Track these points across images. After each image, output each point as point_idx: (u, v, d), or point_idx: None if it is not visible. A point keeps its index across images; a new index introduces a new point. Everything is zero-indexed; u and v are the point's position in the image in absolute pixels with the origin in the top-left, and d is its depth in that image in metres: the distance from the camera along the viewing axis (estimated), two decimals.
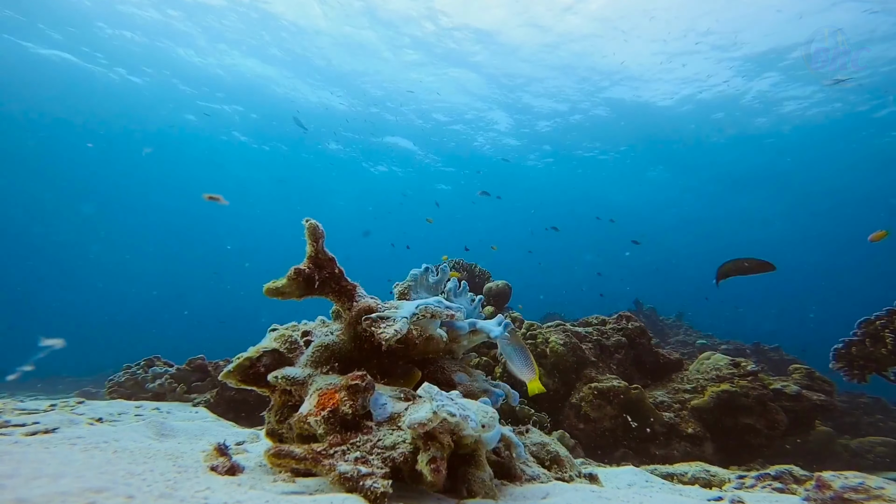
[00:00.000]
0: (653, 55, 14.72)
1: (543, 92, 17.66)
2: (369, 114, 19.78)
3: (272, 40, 15.40)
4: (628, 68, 15.63)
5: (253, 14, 14.04)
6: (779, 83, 15.72)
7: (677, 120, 18.94)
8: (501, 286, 6.91)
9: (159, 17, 14.31)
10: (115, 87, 18.93)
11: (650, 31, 13.54)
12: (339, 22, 14.17)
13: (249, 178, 31.25)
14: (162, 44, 15.84)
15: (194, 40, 15.56)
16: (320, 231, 1.68)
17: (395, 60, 16.13)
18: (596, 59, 15.21)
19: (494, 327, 2.05)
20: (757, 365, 4.71)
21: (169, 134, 24.26)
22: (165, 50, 16.21)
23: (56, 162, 28.13)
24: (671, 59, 14.77)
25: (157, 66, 17.27)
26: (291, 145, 24.60)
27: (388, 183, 28.57)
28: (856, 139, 19.07)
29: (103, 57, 16.70)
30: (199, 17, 14.23)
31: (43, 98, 20.23)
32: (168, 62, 16.92)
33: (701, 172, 24.34)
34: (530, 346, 4.80)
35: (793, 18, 12.23)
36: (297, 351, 1.74)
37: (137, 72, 17.77)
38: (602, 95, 17.63)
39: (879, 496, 1.70)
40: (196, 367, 5.00)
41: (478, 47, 15.13)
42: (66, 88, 19.14)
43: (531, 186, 27.62)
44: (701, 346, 8.80)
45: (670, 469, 3.05)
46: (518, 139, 21.83)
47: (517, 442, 1.69)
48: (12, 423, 1.98)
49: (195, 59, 16.68)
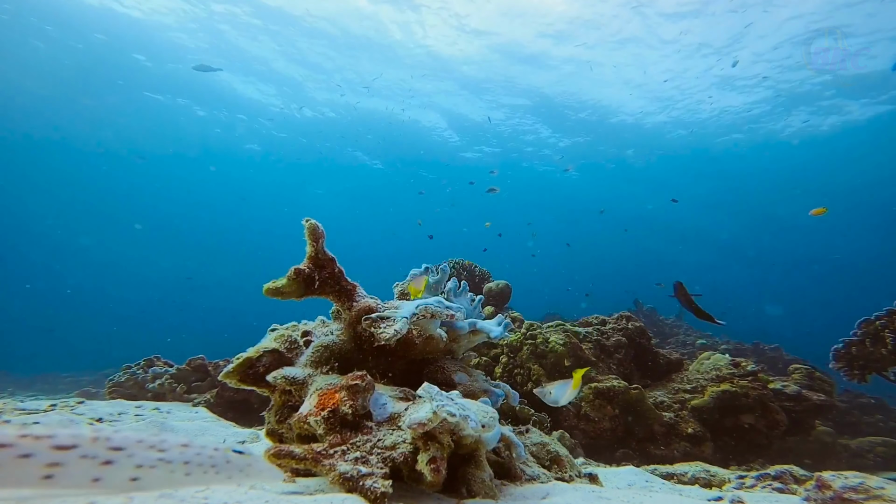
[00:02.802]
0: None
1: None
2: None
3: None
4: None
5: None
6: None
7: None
8: (501, 286, 6.91)
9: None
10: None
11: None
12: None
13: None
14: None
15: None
16: (320, 231, 1.68)
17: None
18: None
19: (494, 327, 2.05)
20: (757, 365, 4.71)
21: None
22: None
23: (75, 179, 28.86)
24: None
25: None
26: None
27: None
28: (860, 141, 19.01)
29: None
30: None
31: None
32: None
33: (703, 174, 24.38)
34: (530, 346, 4.80)
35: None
36: (297, 351, 1.74)
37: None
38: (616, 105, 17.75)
39: (879, 496, 1.70)
40: (196, 367, 4.99)
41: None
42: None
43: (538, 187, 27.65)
44: (701, 346, 8.80)
45: (670, 469, 3.05)
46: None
47: (517, 442, 1.69)
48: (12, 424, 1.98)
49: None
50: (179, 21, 14.19)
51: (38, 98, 19.25)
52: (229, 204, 38.51)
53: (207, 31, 14.67)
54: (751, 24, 12.47)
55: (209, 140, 24.15)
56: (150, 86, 18.27)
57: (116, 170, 29.56)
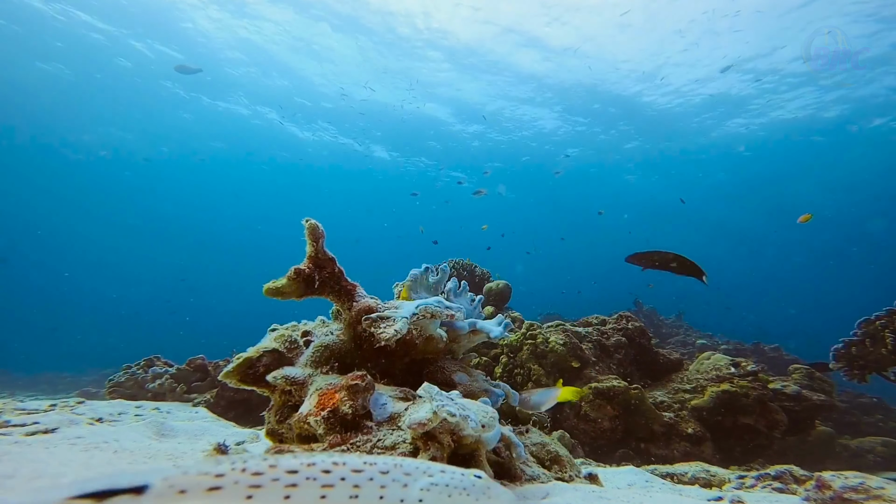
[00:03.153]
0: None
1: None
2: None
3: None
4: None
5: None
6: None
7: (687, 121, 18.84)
8: (501, 286, 6.91)
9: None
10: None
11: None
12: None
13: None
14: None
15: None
16: (320, 231, 1.68)
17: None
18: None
19: (494, 327, 2.05)
20: (757, 365, 4.71)
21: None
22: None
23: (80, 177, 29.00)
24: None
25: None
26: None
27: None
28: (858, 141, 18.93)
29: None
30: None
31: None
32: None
33: (706, 173, 24.35)
34: (530, 346, 4.80)
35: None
36: (297, 351, 1.74)
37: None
38: (614, 93, 17.61)
39: (879, 496, 1.70)
40: (196, 367, 5.00)
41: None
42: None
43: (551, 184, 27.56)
44: (701, 346, 8.80)
45: (670, 469, 3.05)
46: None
47: (517, 442, 1.69)
48: (12, 423, 1.98)
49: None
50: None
51: (37, 97, 19.26)
52: (228, 203, 38.54)
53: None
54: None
55: (212, 139, 24.16)
56: (163, 76, 18.03)
57: (120, 170, 29.59)
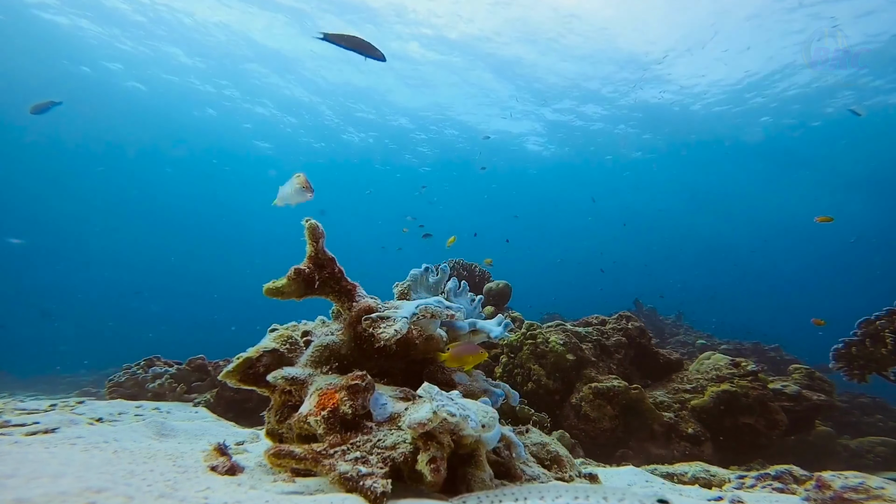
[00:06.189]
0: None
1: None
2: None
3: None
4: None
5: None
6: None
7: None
8: (501, 286, 6.91)
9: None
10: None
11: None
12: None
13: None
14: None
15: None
16: (320, 231, 1.68)
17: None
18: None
19: (494, 327, 2.06)
20: (757, 365, 4.71)
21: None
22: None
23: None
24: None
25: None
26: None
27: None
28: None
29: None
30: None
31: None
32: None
33: (707, 170, 24.38)
34: (530, 346, 4.80)
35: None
36: (297, 351, 1.74)
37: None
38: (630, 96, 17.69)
39: (879, 496, 1.70)
40: (196, 367, 5.00)
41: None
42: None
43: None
44: (701, 346, 8.80)
45: (670, 469, 3.05)
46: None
47: (517, 442, 1.69)
48: (12, 423, 1.98)
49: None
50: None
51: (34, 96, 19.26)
52: (229, 203, 38.52)
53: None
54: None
55: (221, 139, 24.19)
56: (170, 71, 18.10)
57: (124, 170, 29.62)
